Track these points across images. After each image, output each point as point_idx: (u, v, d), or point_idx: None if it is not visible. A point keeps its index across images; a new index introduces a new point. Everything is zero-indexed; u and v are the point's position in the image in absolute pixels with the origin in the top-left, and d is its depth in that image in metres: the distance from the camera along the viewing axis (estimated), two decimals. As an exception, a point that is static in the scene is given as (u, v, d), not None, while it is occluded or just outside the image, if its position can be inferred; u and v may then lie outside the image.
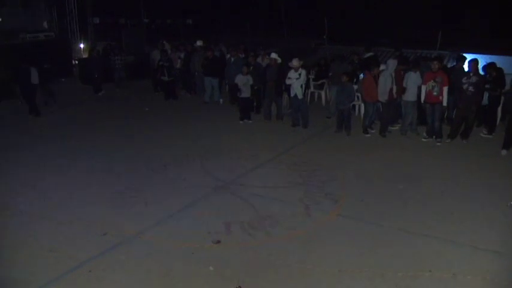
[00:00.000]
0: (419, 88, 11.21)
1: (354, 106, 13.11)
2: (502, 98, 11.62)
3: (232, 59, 14.57)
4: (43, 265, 6.20)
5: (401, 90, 11.34)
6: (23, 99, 14.22)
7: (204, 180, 8.93)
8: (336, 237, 6.79)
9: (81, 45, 23.28)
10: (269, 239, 6.79)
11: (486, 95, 11.57)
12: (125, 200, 8.15)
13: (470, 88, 10.68)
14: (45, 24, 22.65)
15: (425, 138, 11.33)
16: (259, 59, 14.23)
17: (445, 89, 10.68)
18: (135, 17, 28.38)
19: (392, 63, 11.44)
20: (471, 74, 10.76)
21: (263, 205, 7.81)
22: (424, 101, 11.06)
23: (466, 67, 11.32)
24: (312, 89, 15.11)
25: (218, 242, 6.70)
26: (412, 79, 11.16)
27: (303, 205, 7.79)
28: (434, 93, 10.79)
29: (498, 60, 16.83)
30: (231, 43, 19.91)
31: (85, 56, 20.31)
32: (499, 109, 12.00)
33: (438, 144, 10.99)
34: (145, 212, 7.69)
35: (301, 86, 12.07)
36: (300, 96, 12.10)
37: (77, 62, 21.02)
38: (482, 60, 17.19)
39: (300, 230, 7.00)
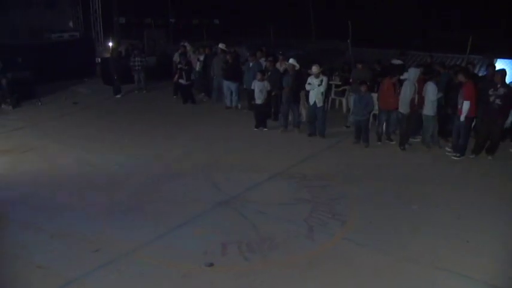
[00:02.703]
0: (441, 99, 10.62)
1: (374, 115, 12.52)
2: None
3: (251, 64, 14.12)
4: (28, 284, 5.94)
5: (421, 100, 10.73)
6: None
7: (208, 194, 8.53)
8: (337, 266, 6.29)
9: (110, 44, 23.23)
10: (266, 264, 6.33)
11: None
12: (123, 211, 7.84)
13: (497, 101, 10.02)
14: (70, 24, 22.65)
15: (449, 152, 10.69)
16: (277, 64, 13.70)
17: (465, 103, 9.98)
18: (162, 17, 28.21)
19: (414, 72, 10.82)
20: (498, 86, 10.08)
21: (265, 224, 7.36)
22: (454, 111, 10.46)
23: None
24: (333, 95, 14.58)
25: (211, 265, 6.30)
26: (431, 90, 10.53)
27: (307, 226, 7.30)
28: (459, 106, 10.16)
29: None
30: (255, 44, 19.56)
31: (108, 56, 20.18)
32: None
33: (456, 158, 10.35)
34: (143, 226, 7.34)
35: (322, 94, 11.58)
36: (319, 104, 11.61)
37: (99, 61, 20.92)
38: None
39: (300, 255, 6.52)
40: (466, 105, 10.00)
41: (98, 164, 10.11)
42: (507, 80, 10.48)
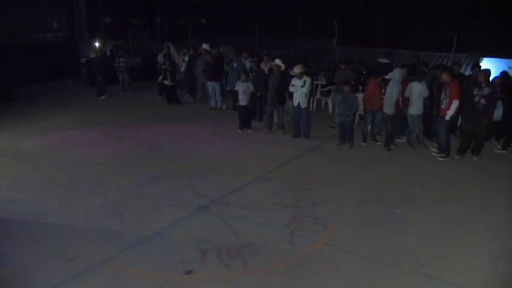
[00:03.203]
0: (426, 99, 10.52)
1: (360, 116, 12.39)
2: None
3: (235, 64, 13.96)
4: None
5: (404, 100, 10.62)
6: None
7: (188, 199, 8.35)
8: (318, 272, 6.14)
9: (96, 44, 22.97)
10: (245, 271, 6.18)
11: (501, 107, 10.77)
12: (102, 217, 7.65)
13: (482, 101, 9.93)
14: (54, 25, 22.31)
15: (435, 153, 10.58)
16: (262, 65, 13.53)
17: (454, 103, 9.88)
18: (148, 16, 27.88)
19: (398, 73, 10.70)
20: (483, 86, 9.99)
21: (245, 230, 7.20)
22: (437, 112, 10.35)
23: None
24: (318, 95, 14.45)
25: (190, 272, 6.13)
26: (417, 90, 10.43)
27: (289, 231, 7.15)
28: (443, 106, 10.05)
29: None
30: (241, 44, 19.39)
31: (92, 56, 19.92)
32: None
33: (441, 159, 10.26)
34: (121, 233, 7.16)
35: (306, 95, 11.42)
36: (303, 106, 11.46)
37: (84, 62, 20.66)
38: (504, 65, 16.49)
39: (280, 262, 6.36)
40: (454, 105, 9.89)
41: (77, 166, 9.92)
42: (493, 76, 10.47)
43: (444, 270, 6.12)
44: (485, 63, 16.52)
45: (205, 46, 15.71)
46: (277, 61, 12.18)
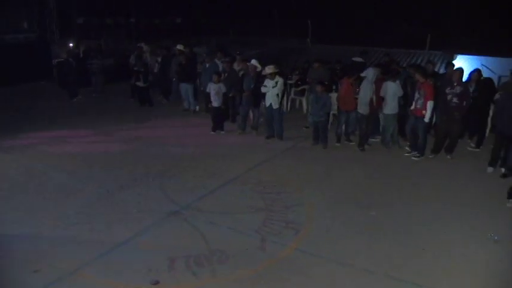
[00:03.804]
0: (400, 98, 10.45)
1: (334, 115, 12.29)
2: (492, 106, 10.83)
3: (207, 65, 13.75)
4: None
5: (379, 100, 10.54)
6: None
7: (159, 204, 8.11)
8: (289, 278, 5.97)
9: (71, 45, 22.57)
10: (213, 280, 5.99)
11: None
12: (69, 226, 7.36)
13: (455, 99, 9.89)
14: (25, 25, 21.82)
15: (408, 152, 10.53)
16: (235, 65, 13.33)
17: (429, 104, 9.81)
18: (123, 16, 27.52)
19: (372, 72, 10.61)
20: (455, 84, 9.94)
21: (216, 236, 7.01)
22: (411, 110, 10.25)
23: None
24: (292, 95, 14.32)
25: (157, 282, 5.92)
26: (391, 89, 10.35)
27: (259, 237, 6.98)
28: (418, 106, 9.98)
29: (494, 62, 16.24)
30: (215, 44, 19.20)
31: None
32: (489, 120, 11.21)
33: (415, 158, 10.19)
34: (87, 242, 6.89)
35: (277, 95, 11.26)
36: (275, 106, 11.30)
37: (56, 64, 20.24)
38: (478, 62, 16.57)
39: (250, 269, 6.19)
40: (430, 105, 9.84)
41: (47, 172, 9.62)
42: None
43: (418, 274, 6.02)
44: (459, 61, 16.62)
45: (179, 47, 15.47)
46: (253, 61, 12.02)
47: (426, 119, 9.93)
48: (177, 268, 6.21)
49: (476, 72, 11.02)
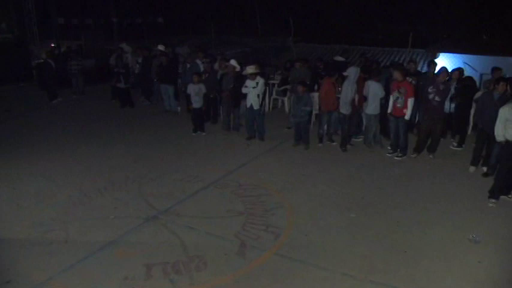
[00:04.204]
0: (382, 99, 10.37)
1: (316, 115, 12.18)
2: (474, 105, 10.79)
3: (188, 65, 13.58)
4: None
5: (361, 99, 10.45)
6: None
7: (137, 209, 7.94)
8: (268, 285, 5.85)
9: (52, 45, 22.26)
10: (191, 286, 5.86)
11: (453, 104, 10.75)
12: (46, 232, 7.17)
13: (436, 98, 9.81)
14: (3, 26, 21.46)
15: (389, 153, 10.46)
16: (216, 65, 13.17)
17: (410, 101, 9.76)
18: (103, 16, 27.22)
19: (354, 71, 10.50)
20: (438, 83, 9.88)
21: (194, 241, 6.87)
22: (389, 112, 10.17)
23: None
24: (274, 95, 14.19)
25: (133, 292, 5.79)
26: (374, 89, 10.27)
27: (239, 241, 6.85)
28: (398, 105, 9.92)
29: (477, 60, 16.26)
30: (197, 44, 19.03)
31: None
32: (471, 118, 11.19)
33: (398, 158, 10.13)
34: (62, 251, 6.70)
35: (258, 96, 11.12)
36: (256, 107, 11.16)
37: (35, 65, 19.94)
38: (460, 60, 16.59)
39: (229, 275, 6.07)
40: (410, 103, 9.79)
41: (22, 176, 9.40)
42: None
43: (398, 278, 5.93)
44: (442, 59, 16.62)
45: (160, 47, 15.31)
46: (232, 61, 11.88)
47: (407, 117, 9.87)
48: (154, 276, 6.07)
49: (457, 71, 10.97)
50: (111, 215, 7.75)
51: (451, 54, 17.58)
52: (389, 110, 10.20)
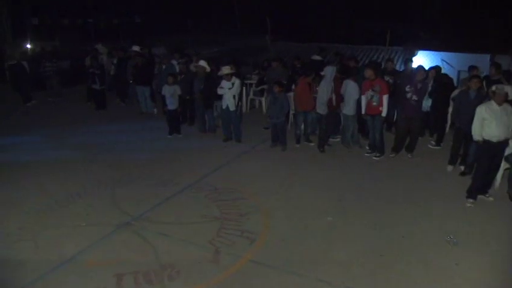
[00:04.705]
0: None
1: (294, 115, 12.04)
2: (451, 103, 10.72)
3: (164, 66, 13.34)
4: None
5: (339, 99, 10.33)
6: None
7: (108, 215, 7.72)
8: (242, 293, 5.70)
9: (28, 46, 21.89)
10: (163, 297, 5.68)
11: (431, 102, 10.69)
12: (12, 244, 6.91)
13: (414, 97, 9.72)
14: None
15: (368, 152, 10.36)
16: (192, 66, 12.92)
17: (385, 98, 9.69)
18: (79, 16, 26.81)
19: (330, 71, 10.37)
20: (415, 82, 9.79)
21: (167, 249, 6.68)
22: (364, 113, 10.06)
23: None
24: (251, 95, 14.02)
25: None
26: (350, 90, 10.15)
27: (213, 248, 6.67)
28: (374, 104, 9.81)
29: (454, 58, 16.26)
30: (175, 43, 18.80)
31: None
32: (448, 116, 11.12)
33: (376, 158, 10.04)
34: (31, 261, 6.46)
35: (234, 97, 10.94)
36: (232, 108, 10.99)
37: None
38: (438, 58, 16.56)
39: (202, 284, 5.89)
40: (385, 100, 9.72)
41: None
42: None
43: (374, 283, 5.81)
44: (420, 57, 16.58)
45: (135, 48, 15.04)
46: (202, 62, 11.64)
47: (384, 114, 9.79)
48: (124, 285, 5.88)
49: (433, 69, 10.90)
50: (83, 223, 7.52)
51: (429, 52, 17.57)
52: (363, 111, 10.08)
